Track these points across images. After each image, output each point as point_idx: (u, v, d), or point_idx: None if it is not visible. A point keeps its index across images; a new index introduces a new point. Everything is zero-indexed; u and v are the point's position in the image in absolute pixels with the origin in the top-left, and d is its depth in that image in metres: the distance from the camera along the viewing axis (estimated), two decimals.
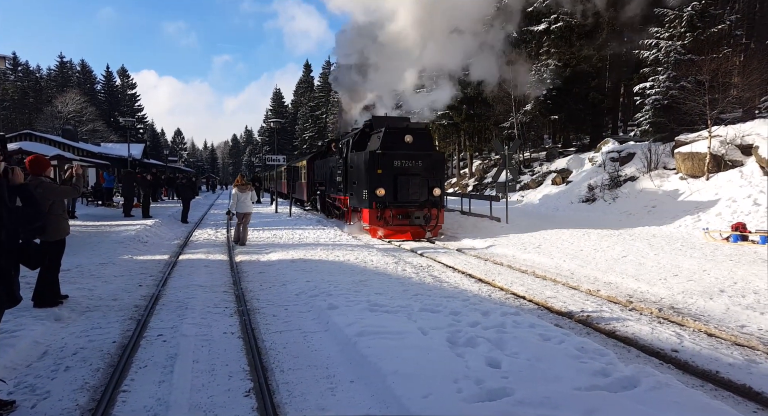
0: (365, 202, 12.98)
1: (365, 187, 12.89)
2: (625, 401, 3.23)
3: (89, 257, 9.54)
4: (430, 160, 13.14)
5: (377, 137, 13.31)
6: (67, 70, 72.60)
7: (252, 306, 6.24)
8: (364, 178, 13.02)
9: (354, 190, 13.87)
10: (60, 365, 4.25)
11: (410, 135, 13.03)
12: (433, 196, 13.03)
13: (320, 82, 75.91)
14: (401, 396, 3.38)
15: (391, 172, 12.74)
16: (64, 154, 25.49)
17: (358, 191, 13.44)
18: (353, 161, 14.13)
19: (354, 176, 13.94)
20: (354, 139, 14.92)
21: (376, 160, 12.68)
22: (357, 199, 13.67)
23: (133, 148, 37.76)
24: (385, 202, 12.69)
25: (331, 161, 17.74)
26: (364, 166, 12.99)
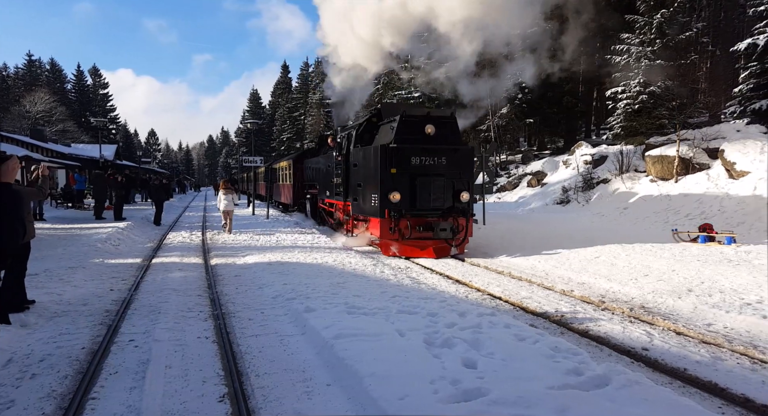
0: (374, 210, 10.37)
1: (375, 190, 10.34)
2: (596, 399, 3.30)
3: (58, 261, 9.27)
4: (457, 156, 10.52)
5: (389, 128, 10.70)
6: (35, 69, 70.52)
7: (227, 309, 6.16)
8: (372, 180, 10.44)
9: (358, 194, 11.24)
10: (25, 372, 4.11)
11: (432, 124, 10.35)
12: (460, 201, 10.42)
13: (298, 83, 75.49)
14: (378, 398, 3.38)
15: (408, 172, 10.20)
16: (32, 155, 24.75)
17: (365, 196, 10.85)
18: (357, 158, 11.42)
19: (359, 177, 11.27)
20: (358, 131, 11.97)
21: (390, 156, 10.13)
22: (362, 206, 11.04)
23: (105, 148, 36.92)
24: (400, 209, 10.10)
25: (325, 159, 14.94)
26: (372, 164, 10.47)
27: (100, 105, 74.63)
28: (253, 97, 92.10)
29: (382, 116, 11.80)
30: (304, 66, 75.20)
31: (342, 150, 12.59)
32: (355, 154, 11.59)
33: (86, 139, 54.84)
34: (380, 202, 10.15)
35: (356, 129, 12.16)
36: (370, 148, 10.87)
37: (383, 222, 10.19)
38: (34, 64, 70.83)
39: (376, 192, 10.30)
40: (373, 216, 10.55)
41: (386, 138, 10.70)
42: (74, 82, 74.75)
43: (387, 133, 10.86)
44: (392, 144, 10.16)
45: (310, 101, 61.16)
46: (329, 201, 14.62)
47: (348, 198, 12.08)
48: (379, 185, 10.15)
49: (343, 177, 12.28)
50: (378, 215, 10.24)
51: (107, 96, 77.51)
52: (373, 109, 12.88)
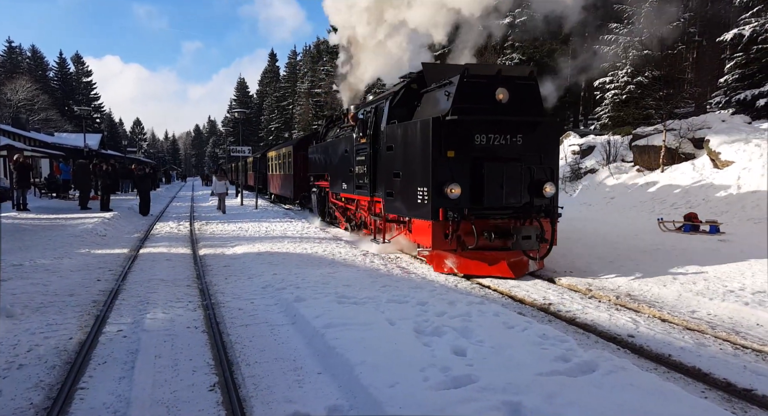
0: (421, 209, 7.60)
1: (421, 182, 7.58)
2: (584, 385, 3.35)
3: (43, 251, 9.16)
4: (538, 134, 7.68)
5: (443, 94, 7.79)
6: (16, 56, 68.90)
7: (217, 300, 6.14)
8: (419, 167, 7.67)
9: (394, 187, 8.45)
10: (12, 363, 4.07)
11: (505, 88, 7.45)
12: (541, 196, 7.68)
13: (286, 72, 74.71)
14: (368, 386, 3.40)
15: (471, 155, 7.42)
16: (14, 144, 24.28)
17: (405, 189, 8.09)
18: (393, 139, 8.54)
19: (395, 164, 8.43)
20: (392, 103, 8.98)
21: (445, 133, 7.33)
22: (401, 203, 8.30)
23: (90, 138, 36.34)
24: (461, 208, 7.28)
25: (339, 143, 12.02)
26: (418, 146, 7.66)
27: (83, 93, 73.23)
28: (240, 86, 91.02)
29: (425, 81, 8.67)
30: (292, 54, 74.40)
31: (367, 129, 9.73)
32: (390, 134, 8.65)
33: (70, 128, 53.89)
34: (431, 199, 7.33)
35: (389, 99, 9.02)
36: (413, 124, 7.91)
37: (436, 226, 7.34)
38: (15, 50, 69.19)
39: (423, 184, 7.50)
40: (418, 217, 7.75)
41: (435, 109, 7.87)
42: (56, 70, 73.21)
43: (436, 102, 8.02)
44: (449, 115, 7.23)
45: (299, 90, 60.62)
46: (346, 196, 11.80)
47: (376, 192, 9.47)
48: (430, 175, 7.33)
49: (368, 164, 9.59)
50: (427, 216, 7.41)
51: (91, 84, 76.06)
52: (409, 74, 9.61)
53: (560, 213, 7.95)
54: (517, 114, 7.54)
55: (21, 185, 15.87)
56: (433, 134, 7.34)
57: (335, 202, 13.28)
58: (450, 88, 7.57)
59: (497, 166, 7.36)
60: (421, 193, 7.61)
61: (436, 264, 8.00)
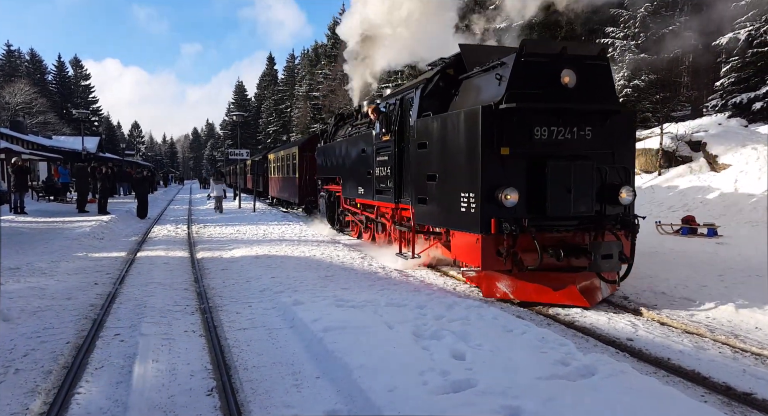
0: (466, 219, 6.19)
1: (466, 186, 6.19)
2: (582, 389, 3.34)
3: (40, 254, 9.13)
4: (611, 126, 6.31)
5: (492, 79, 6.38)
6: (15, 60, 68.85)
7: (214, 303, 6.12)
8: (463, 168, 6.29)
9: (429, 192, 7.08)
10: (8, 368, 4.05)
11: (571, 70, 6.11)
12: (617, 203, 6.31)
13: (284, 75, 74.79)
14: (367, 390, 3.39)
15: (529, 153, 6.05)
16: (12, 147, 24.22)
17: (443, 195, 6.73)
18: (426, 133, 7.19)
19: (430, 164, 7.11)
20: (424, 92, 7.61)
21: (499, 124, 5.94)
22: (439, 211, 6.89)
23: (88, 141, 36.29)
24: (518, 218, 5.89)
25: (355, 141, 10.65)
26: (462, 142, 6.30)
27: (81, 96, 73.18)
28: (238, 89, 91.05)
29: (464, 65, 7.36)
30: (291, 58, 74.53)
31: (392, 124, 8.45)
32: (423, 128, 7.30)
33: (68, 131, 53.79)
34: (480, 207, 5.91)
35: (419, 88, 7.69)
36: (456, 115, 6.53)
37: (486, 241, 5.93)
38: (14, 54, 69.18)
39: (469, 189, 6.10)
40: (461, 229, 6.42)
41: (480, 97, 6.63)
42: (55, 73, 73.19)
43: (480, 88, 6.78)
44: (503, 104, 5.85)
45: (297, 94, 60.66)
46: (363, 201, 10.45)
47: (403, 198, 8.15)
48: (478, 177, 5.92)
49: (392, 166, 8.37)
50: (474, 228, 6.03)
51: (89, 87, 76.05)
52: (443, 59, 7.92)
53: (638, 223, 6.44)
54: (587, 101, 6.20)
55: (19, 188, 15.84)
56: (483, 127, 5.91)
57: (348, 208, 11.99)
58: (503, 69, 6.21)
59: (563, 166, 5.93)
60: (466, 199, 6.18)
61: (485, 287, 6.54)
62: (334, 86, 37.45)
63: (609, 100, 6.48)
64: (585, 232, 6.20)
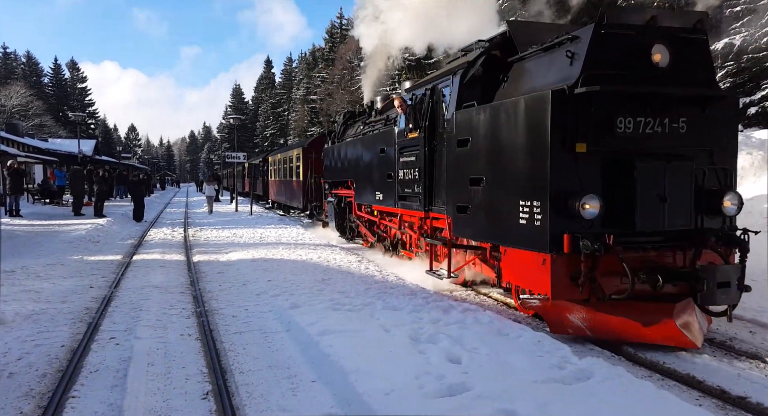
0: (527, 233, 4.98)
1: (528, 191, 4.99)
2: (578, 392, 3.35)
3: (35, 257, 9.10)
4: (709, 116, 5.08)
5: (560, 58, 5.10)
6: (11, 62, 68.75)
7: (210, 307, 6.10)
8: (523, 169, 5.10)
9: (474, 198, 5.83)
10: (3, 372, 4.03)
11: (663, 45, 4.85)
12: (719, 213, 5.09)
13: (282, 78, 74.88)
14: (363, 394, 3.39)
15: (610, 151, 4.85)
16: (7, 150, 24.15)
17: (494, 202, 5.52)
18: (469, 128, 5.97)
19: (474, 165, 5.86)
20: (464, 78, 6.40)
21: (573, 115, 4.73)
22: (487, 223, 5.67)
23: (84, 144, 36.16)
24: (599, 233, 4.61)
25: (370, 141, 9.67)
26: (523, 136, 5.09)
27: (78, 99, 73.07)
28: (235, 92, 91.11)
29: (514, 46, 5.99)
30: (288, 61, 74.64)
31: (421, 119, 7.23)
32: (464, 122, 6.08)
33: (64, 133, 53.65)
34: (548, 218, 4.68)
35: (458, 74, 6.48)
36: (513, 104, 5.21)
37: (558, 263, 4.69)
38: (10, 56, 69.08)
39: (532, 195, 4.86)
40: (520, 246, 5.16)
41: (540, 81, 5.34)
42: (51, 76, 73.08)
43: (540, 72, 5.46)
44: (579, 86, 4.63)
45: (294, 97, 60.72)
46: (382, 208, 9.34)
47: (436, 205, 7.01)
48: (547, 181, 4.68)
49: (421, 167, 7.21)
50: (539, 246, 4.79)
51: (86, 90, 75.96)
52: (483, 41, 6.62)
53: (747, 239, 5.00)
54: (682, 84, 4.89)
55: (14, 191, 15.79)
56: (553, 117, 4.65)
57: (362, 215, 10.81)
58: (576, 45, 4.90)
59: (656, 167, 4.70)
60: (527, 208, 4.92)
61: (554, 321, 5.18)
62: (332, 90, 37.52)
63: (707, 83, 5.12)
64: (678, 251, 4.90)
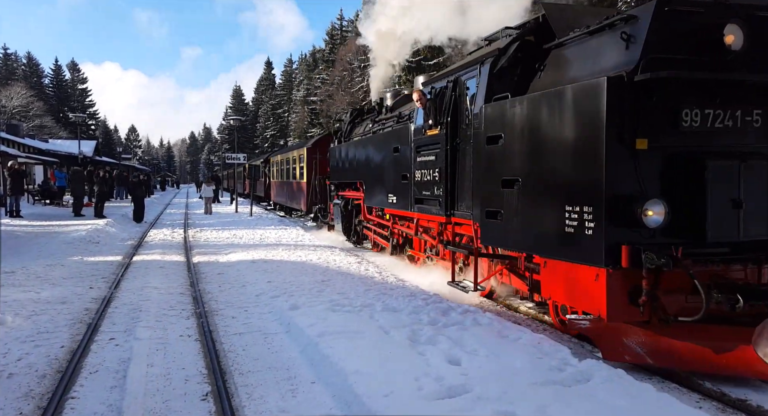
0: (576, 243, 4.25)
1: (577, 195, 4.26)
2: (578, 395, 3.35)
3: (35, 258, 9.10)
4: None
5: (613, 41, 4.37)
6: (11, 63, 68.83)
7: (210, 308, 6.10)
8: (571, 168, 4.37)
9: (507, 202, 5.19)
10: (2, 372, 4.02)
11: (736, 25, 4.09)
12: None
13: (282, 79, 74.96)
14: (362, 395, 3.39)
15: (672, 148, 4.16)
16: (8, 151, 24.17)
17: (532, 207, 4.86)
18: (501, 123, 5.30)
19: (506, 164, 5.23)
20: (495, 67, 5.76)
21: (632, 105, 4.03)
22: (521, 231, 5.02)
23: (84, 144, 36.19)
24: (665, 245, 3.94)
25: (382, 140, 9.14)
26: (570, 131, 4.37)
27: (78, 100, 73.15)
28: (236, 93, 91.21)
29: (552, 31, 5.37)
30: (288, 62, 74.72)
31: (442, 115, 6.63)
32: (496, 116, 5.39)
33: (64, 134, 53.72)
34: (602, 227, 4.02)
35: (487, 64, 5.81)
36: (557, 95, 4.56)
37: (614, 279, 4.14)
38: (10, 57, 69.18)
39: (583, 199, 4.21)
40: (566, 257, 4.56)
41: (586, 69, 4.71)
42: (52, 77, 73.17)
43: (584, 58, 4.85)
44: (639, 73, 4.01)
45: (294, 98, 60.77)
46: (395, 212, 8.71)
47: (459, 210, 6.40)
48: (602, 182, 4.02)
49: (443, 167, 6.57)
50: (592, 258, 4.16)
51: (86, 91, 76.05)
52: (511, 28, 6.12)
53: None
54: (759, 71, 4.25)
55: (14, 192, 15.80)
56: (609, 108, 3.97)
57: (373, 218, 10.24)
58: (633, 26, 4.23)
59: (730, 168, 4.09)
60: (575, 215, 4.24)
61: (607, 345, 4.43)
62: (332, 91, 37.54)
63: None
64: (751, 264, 4.27)
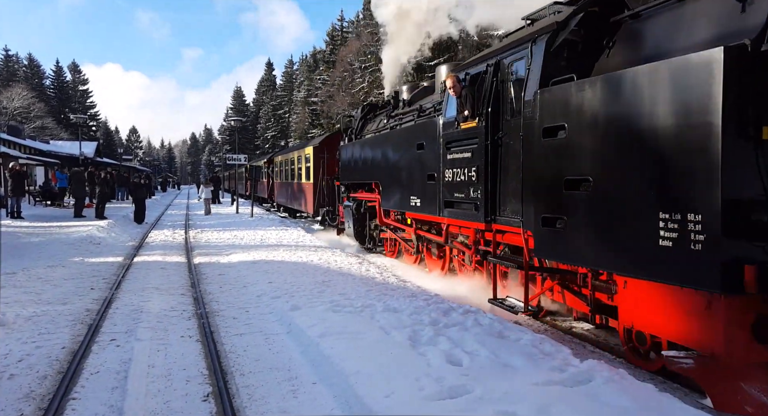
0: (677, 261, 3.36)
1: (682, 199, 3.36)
2: (579, 395, 3.34)
3: (36, 259, 9.10)
4: None
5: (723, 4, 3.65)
6: (12, 64, 68.94)
7: (211, 308, 6.10)
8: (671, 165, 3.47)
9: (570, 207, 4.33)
10: (3, 373, 4.02)
11: None
12: None
13: (283, 80, 75.01)
14: (364, 396, 3.38)
15: None
16: (9, 152, 24.21)
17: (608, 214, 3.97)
18: (565, 111, 4.41)
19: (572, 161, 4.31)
20: (553, 44, 4.90)
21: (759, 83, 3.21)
22: (593, 242, 4.13)
23: (85, 146, 36.26)
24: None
25: (404, 135, 8.37)
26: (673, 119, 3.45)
27: (79, 101, 73.28)
28: (236, 94, 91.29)
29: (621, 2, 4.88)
30: (289, 63, 74.78)
31: (481, 105, 5.81)
32: (557, 103, 4.57)
33: (65, 136, 53.83)
34: (718, 240, 3.16)
35: (544, 40, 4.98)
36: (646, 73, 3.70)
37: (731, 307, 3.40)
38: (11, 59, 69.29)
39: (687, 204, 3.35)
40: (662, 278, 3.68)
41: (673, 43, 4.05)
42: (53, 78, 73.29)
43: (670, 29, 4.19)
44: (766, 41, 3.27)
45: (295, 99, 60.80)
46: (420, 216, 7.90)
47: (502, 215, 5.62)
48: (718, 182, 3.17)
49: (482, 165, 5.78)
50: (701, 281, 3.31)
51: (87, 92, 76.17)
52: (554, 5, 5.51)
53: None
54: None
55: (15, 193, 15.82)
56: (727, 88, 3.19)
57: (390, 223, 9.49)
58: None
59: None
60: (674, 224, 3.44)
61: (721, 392, 3.61)
62: (332, 92, 37.55)
63: None
64: None
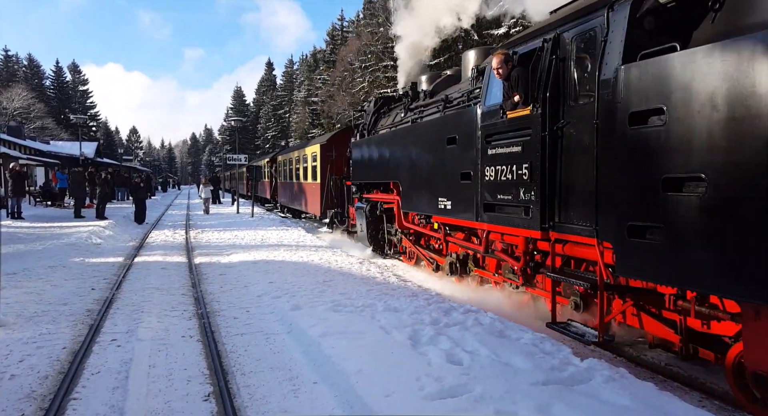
0: None
1: None
2: (579, 394, 3.34)
3: (37, 260, 9.11)
4: None
5: None
6: (12, 65, 68.94)
7: (212, 308, 6.11)
8: None
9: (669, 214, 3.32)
10: (4, 373, 4.03)
11: None
12: None
13: (283, 80, 74.99)
14: (364, 396, 3.39)
15: None
16: (9, 152, 24.22)
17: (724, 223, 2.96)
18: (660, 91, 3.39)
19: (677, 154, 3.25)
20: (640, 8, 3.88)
21: None
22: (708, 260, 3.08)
23: (86, 146, 36.27)
24: None
25: (429, 128, 7.56)
26: None
27: (80, 102, 73.26)
28: (237, 94, 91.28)
29: None
30: (289, 63, 74.77)
31: (537, 88, 4.89)
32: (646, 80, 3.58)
33: (66, 136, 53.82)
34: None
35: (628, 5, 3.96)
36: None
37: None
38: (11, 59, 69.30)
39: None
40: None
41: None
42: (53, 79, 73.28)
43: None
44: None
45: (295, 99, 60.78)
46: (448, 220, 7.00)
47: (564, 222, 4.68)
48: None
49: (535, 161, 4.89)
50: None
51: (87, 92, 76.16)
52: None
53: None
54: None
55: (16, 193, 15.83)
56: None
57: (412, 227, 8.56)
58: None
59: None
60: None
61: None
62: (333, 92, 37.55)
63: None
64: None
